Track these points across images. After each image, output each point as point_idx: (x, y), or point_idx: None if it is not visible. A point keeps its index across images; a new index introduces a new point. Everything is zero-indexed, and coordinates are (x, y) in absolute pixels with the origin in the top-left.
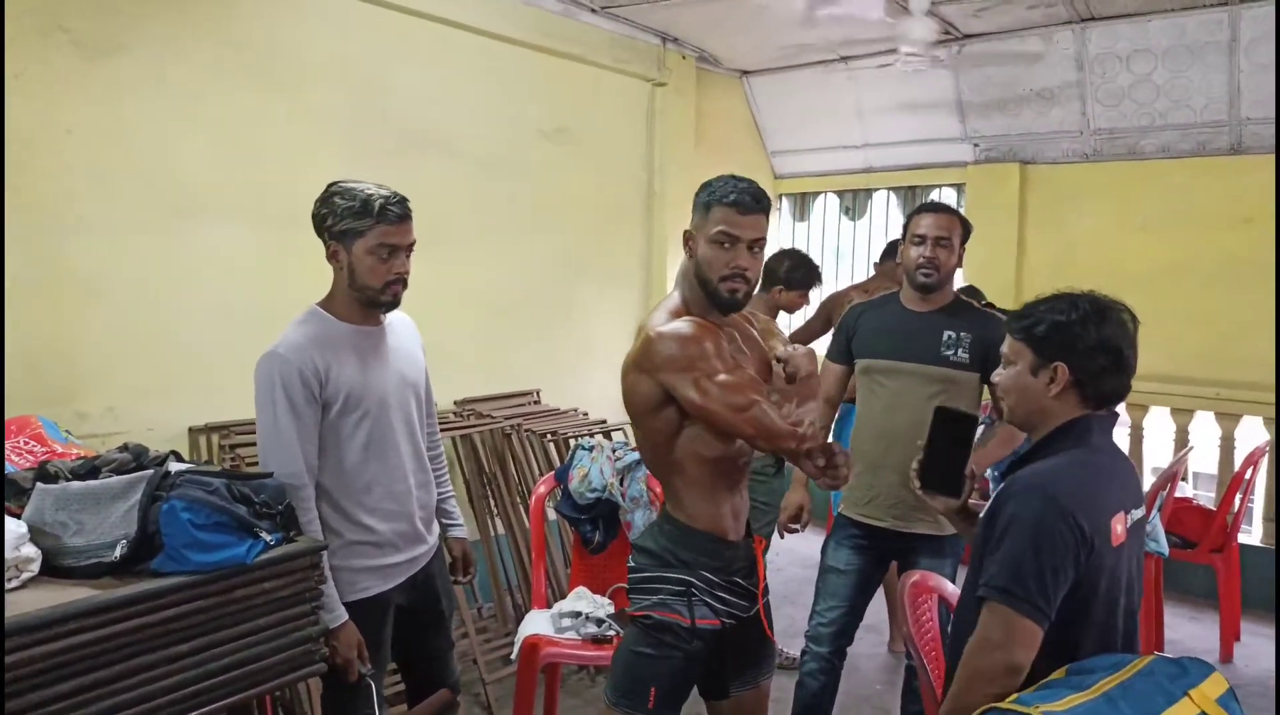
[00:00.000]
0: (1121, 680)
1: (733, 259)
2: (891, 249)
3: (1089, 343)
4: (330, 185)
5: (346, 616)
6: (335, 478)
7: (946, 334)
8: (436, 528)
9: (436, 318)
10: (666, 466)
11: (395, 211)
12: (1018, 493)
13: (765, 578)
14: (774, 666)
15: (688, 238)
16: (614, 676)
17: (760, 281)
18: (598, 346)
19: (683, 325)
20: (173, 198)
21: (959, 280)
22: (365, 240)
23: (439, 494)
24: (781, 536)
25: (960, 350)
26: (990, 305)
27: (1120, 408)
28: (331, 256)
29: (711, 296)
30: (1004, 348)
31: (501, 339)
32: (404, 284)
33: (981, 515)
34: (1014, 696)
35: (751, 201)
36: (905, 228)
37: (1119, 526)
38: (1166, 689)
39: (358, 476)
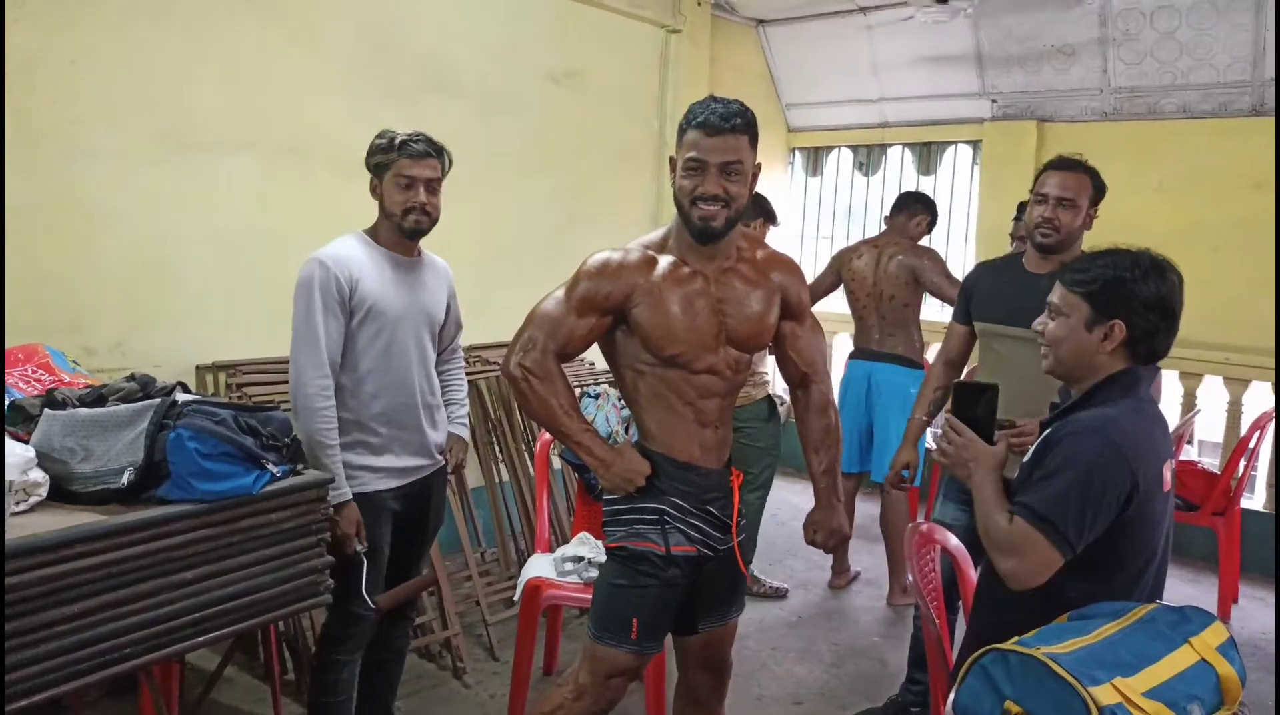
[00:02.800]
0: (1122, 626)
1: (699, 184)
2: (903, 202)
3: (1146, 301)
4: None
5: (350, 496)
6: (348, 380)
7: None
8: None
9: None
10: (629, 397)
11: (416, 147)
12: (1076, 433)
13: (740, 511)
14: (744, 603)
15: (671, 166)
16: (595, 611)
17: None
18: None
19: (610, 254)
20: (178, 130)
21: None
22: (391, 172)
23: (451, 401)
24: (888, 492)
25: None
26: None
27: None
28: (372, 190)
29: (686, 224)
30: (1054, 298)
31: (508, 286)
32: (425, 215)
33: (1026, 457)
34: (1015, 639)
35: (719, 122)
36: (1035, 181)
37: (1168, 473)
38: (1167, 635)
39: (367, 382)
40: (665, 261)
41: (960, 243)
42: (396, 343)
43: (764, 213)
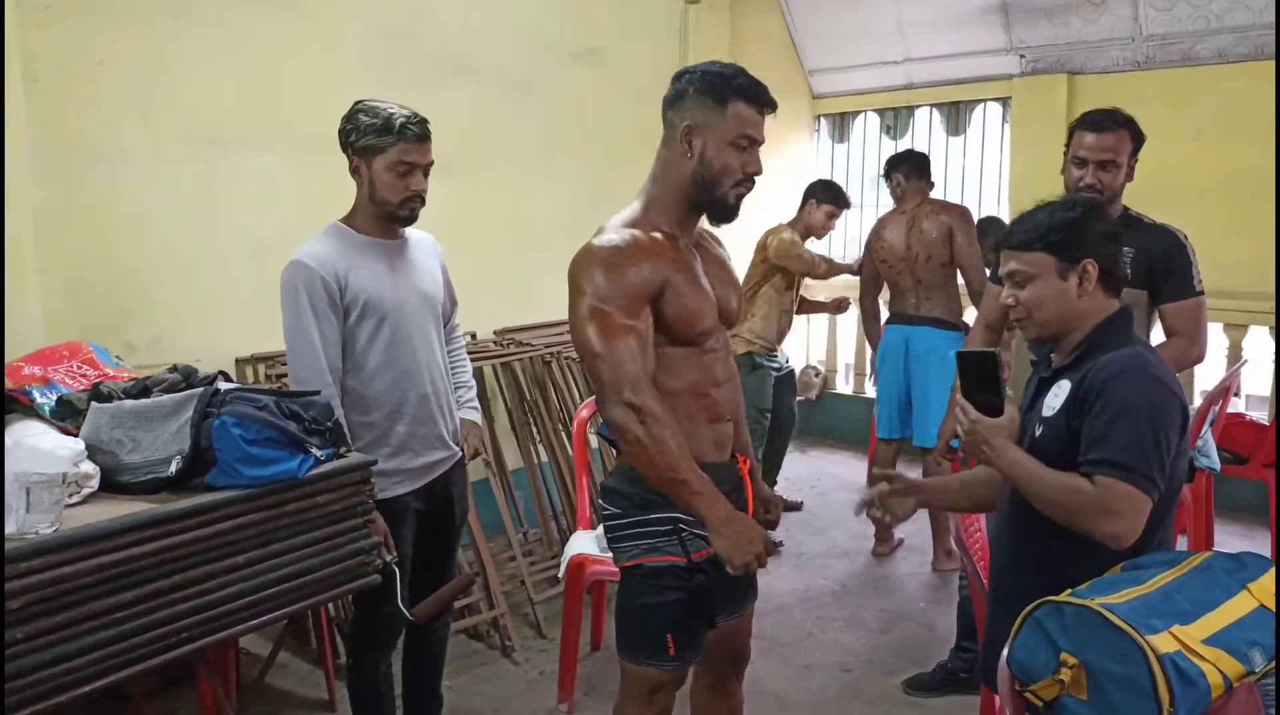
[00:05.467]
0: (1178, 575)
1: (750, 163)
2: (918, 167)
3: (1101, 232)
4: (356, 103)
5: (374, 508)
6: (355, 381)
7: None
8: (455, 447)
9: (473, 246)
10: None
11: (415, 130)
12: (1119, 375)
13: (753, 498)
14: (758, 590)
15: (689, 133)
16: (626, 635)
17: None
18: None
19: (615, 239)
20: (205, 128)
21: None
22: (385, 157)
23: (458, 384)
24: (932, 458)
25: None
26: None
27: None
28: (354, 171)
29: (714, 203)
30: (1012, 266)
31: (539, 268)
32: (421, 201)
33: (1054, 404)
34: (1069, 591)
35: (768, 98)
36: (1069, 140)
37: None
38: (1224, 583)
39: (376, 381)
40: (662, 238)
41: (992, 202)
42: (399, 333)
43: (834, 198)
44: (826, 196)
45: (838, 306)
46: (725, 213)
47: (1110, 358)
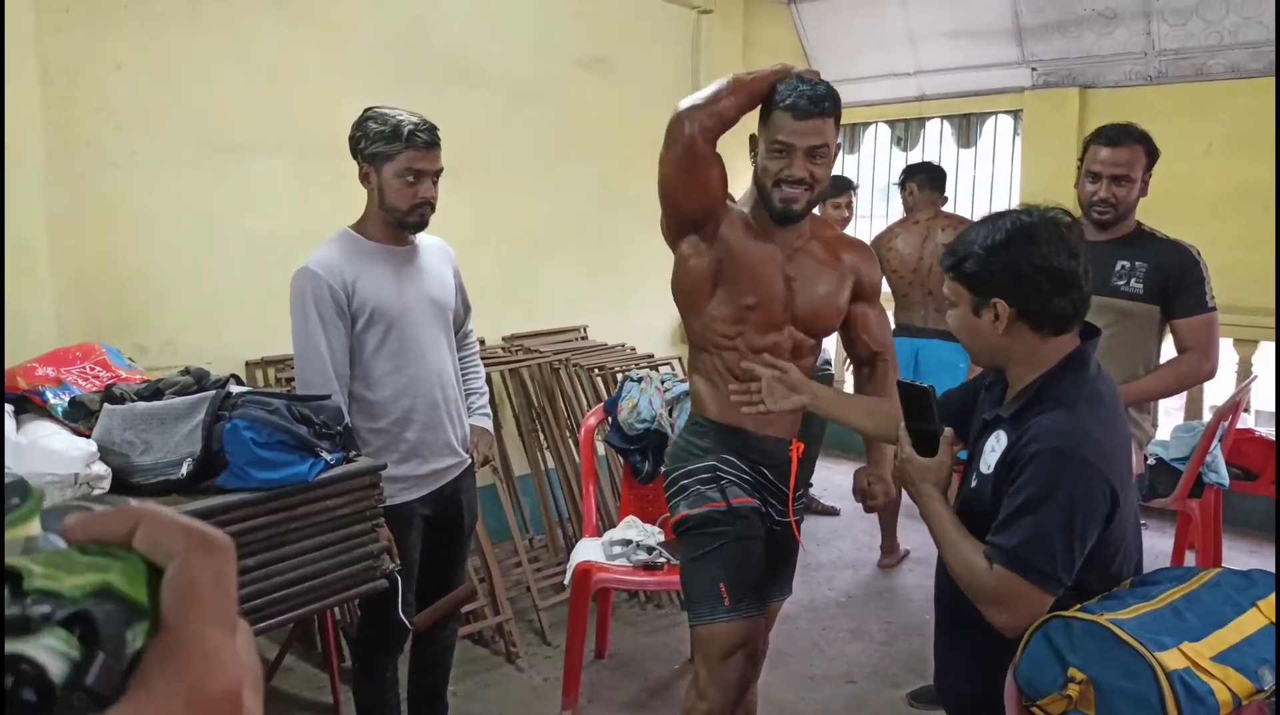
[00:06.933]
0: (1187, 591)
1: (785, 167)
2: (933, 178)
3: (1021, 270)
4: (366, 110)
5: (382, 513)
6: (364, 387)
7: (1120, 264)
8: (465, 454)
9: (481, 253)
10: (692, 366)
11: (423, 138)
12: (1045, 453)
13: (796, 484)
14: (791, 588)
15: (752, 143)
16: (688, 595)
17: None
18: (643, 283)
19: None
20: (213, 134)
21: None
22: (394, 164)
23: (470, 391)
24: None
25: (1133, 280)
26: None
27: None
28: (363, 178)
29: (766, 203)
30: (944, 288)
31: (547, 275)
32: (431, 208)
33: (990, 460)
34: (1078, 606)
35: (809, 105)
36: (1083, 154)
37: (1135, 456)
38: (1234, 600)
39: (384, 387)
40: (742, 214)
41: None
42: (408, 340)
43: (834, 185)
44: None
45: None
46: (775, 214)
47: (1045, 425)
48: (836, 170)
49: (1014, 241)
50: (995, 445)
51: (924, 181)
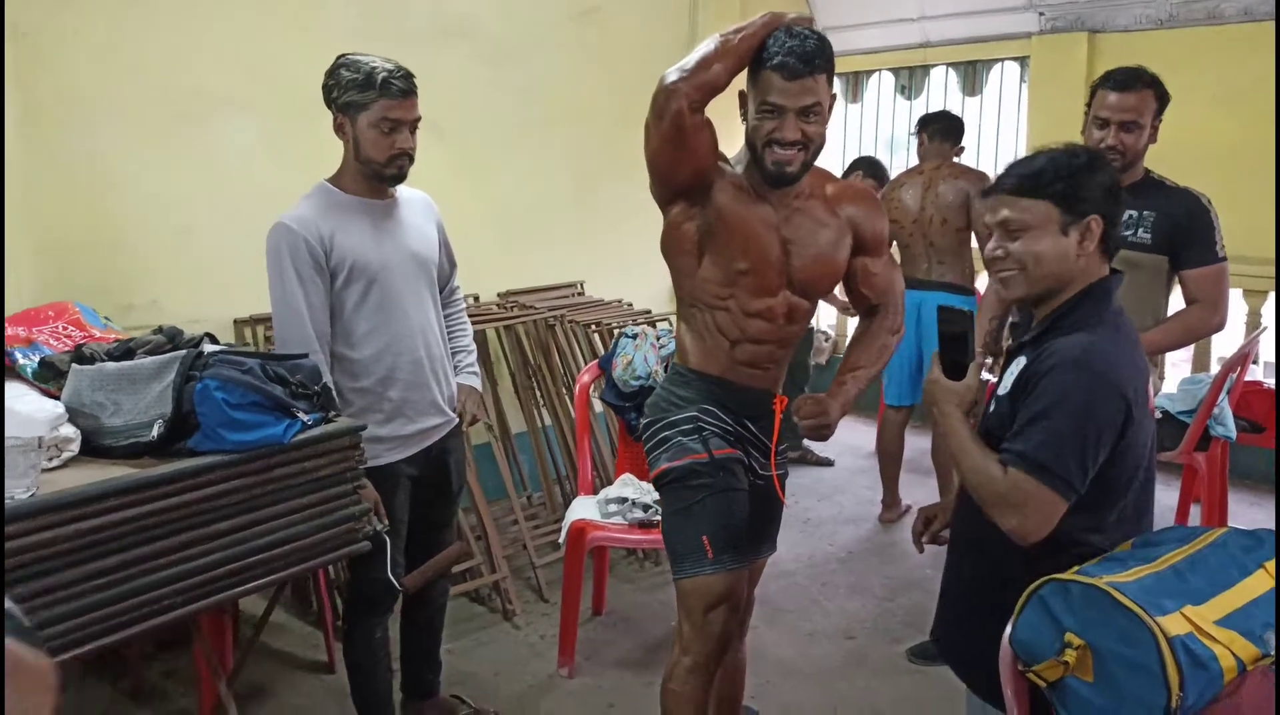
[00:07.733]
0: (1190, 553)
1: (776, 128)
2: (948, 129)
3: (1107, 187)
4: (339, 57)
5: (363, 474)
6: (345, 346)
7: (1128, 213)
8: (452, 413)
9: (476, 209)
10: (683, 316)
11: (398, 85)
12: (1062, 366)
13: (780, 441)
14: (775, 543)
15: (742, 100)
16: (670, 549)
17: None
18: (640, 238)
19: None
20: (184, 93)
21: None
22: (369, 114)
23: (457, 349)
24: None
25: (1141, 230)
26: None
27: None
28: (338, 129)
29: (759, 165)
30: (1005, 214)
31: (543, 231)
32: (410, 159)
33: (1001, 387)
34: (1077, 568)
35: (799, 64)
36: (1090, 100)
37: (1150, 388)
38: (1240, 560)
39: (366, 345)
40: (734, 176)
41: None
42: (389, 296)
43: (875, 174)
44: (871, 173)
45: (845, 308)
46: (769, 177)
47: (1063, 344)
48: (839, 119)
49: (1098, 164)
50: (1014, 369)
51: (936, 132)
